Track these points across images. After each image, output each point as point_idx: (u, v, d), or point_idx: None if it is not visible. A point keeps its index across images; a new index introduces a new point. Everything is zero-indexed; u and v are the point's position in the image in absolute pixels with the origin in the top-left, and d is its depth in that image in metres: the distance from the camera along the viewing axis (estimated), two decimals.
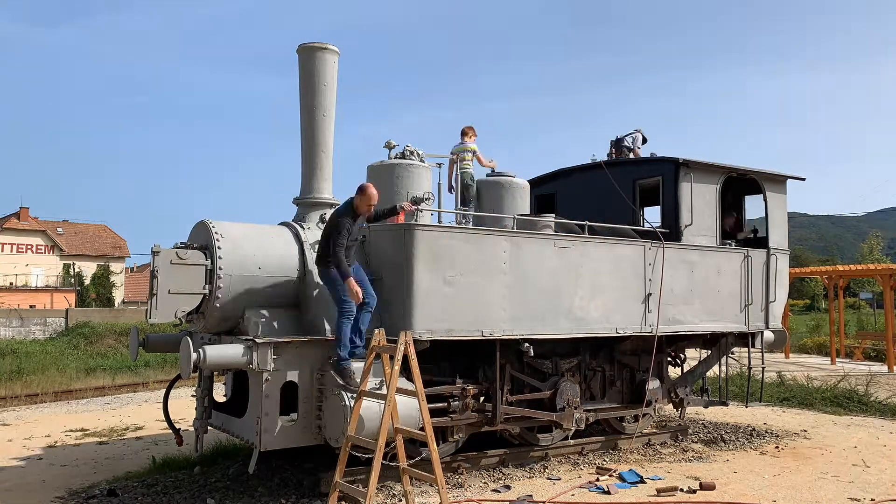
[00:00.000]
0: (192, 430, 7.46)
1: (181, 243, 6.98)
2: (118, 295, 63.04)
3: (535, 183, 10.52)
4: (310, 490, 6.96)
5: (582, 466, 8.23)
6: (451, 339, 7.08)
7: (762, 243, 9.92)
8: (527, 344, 7.58)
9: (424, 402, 6.10)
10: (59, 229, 69.01)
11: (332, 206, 7.59)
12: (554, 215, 8.81)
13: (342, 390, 6.36)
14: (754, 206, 10.47)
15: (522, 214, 8.76)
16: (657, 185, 9.37)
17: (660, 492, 7.14)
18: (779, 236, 10.00)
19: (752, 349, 9.95)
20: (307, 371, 6.60)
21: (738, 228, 10.54)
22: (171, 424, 7.64)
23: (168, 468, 7.94)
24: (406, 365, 7.35)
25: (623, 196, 9.33)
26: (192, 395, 7.56)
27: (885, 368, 19.87)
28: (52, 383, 19.42)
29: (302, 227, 7.31)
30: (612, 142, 10.79)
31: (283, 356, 6.44)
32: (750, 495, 7.11)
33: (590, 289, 8.05)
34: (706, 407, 10.57)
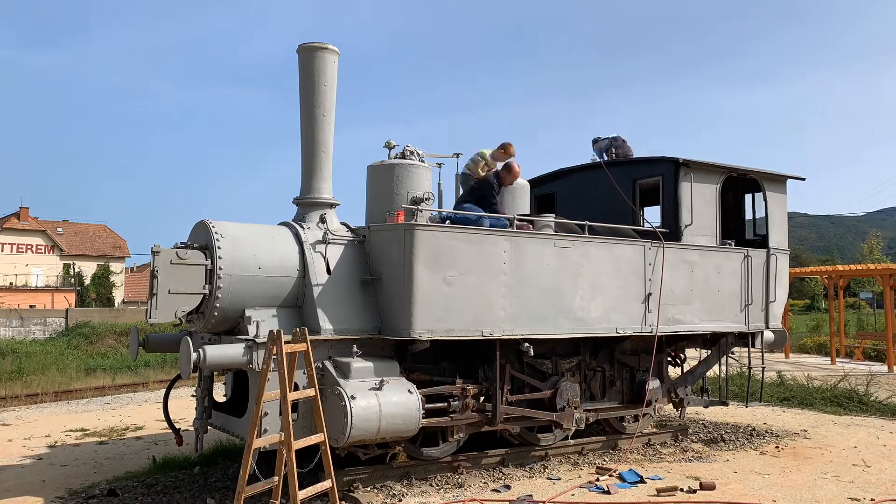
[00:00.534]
0: (192, 430, 7.47)
1: (181, 243, 6.98)
2: (118, 295, 63.04)
3: (535, 183, 10.53)
4: None
5: (582, 466, 8.22)
6: (451, 339, 7.08)
7: (762, 243, 9.92)
8: (527, 344, 7.57)
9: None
10: (59, 229, 69.04)
11: (332, 205, 7.59)
12: (554, 215, 8.81)
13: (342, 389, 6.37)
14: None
15: (522, 214, 8.77)
16: (657, 184, 9.36)
17: (660, 492, 7.15)
18: (779, 236, 10.00)
19: (752, 349, 9.95)
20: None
21: (742, 230, 10.51)
22: (171, 424, 7.63)
23: (168, 468, 7.95)
24: (408, 362, 7.35)
25: (623, 196, 9.33)
26: (192, 395, 7.57)
27: (885, 368, 19.91)
28: (52, 383, 19.41)
29: (302, 227, 7.30)
30: (593, 141, 10.64)
31: None
32: (750, 495, 7.11)
33: (590, 289, 8.04)
34: (706, 407, 10.57)
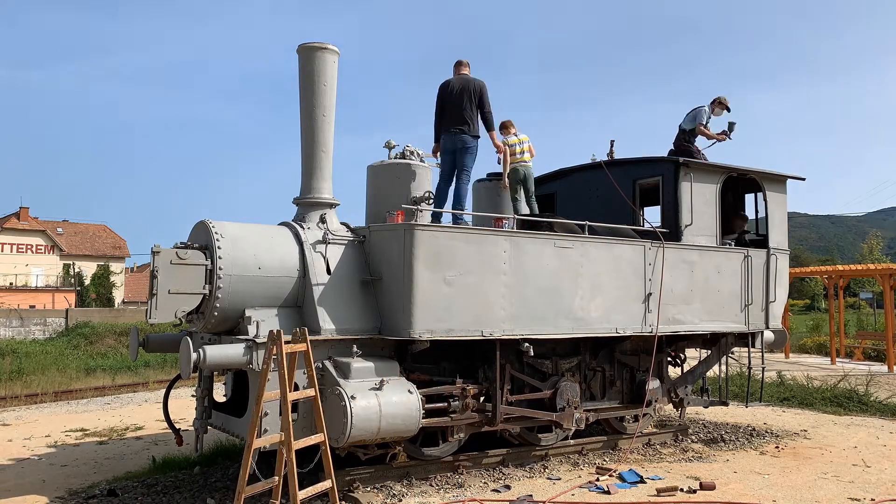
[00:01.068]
0: (192, 430, 7.47)
1: (181, 243, 6.97)
2: (118, 295, 63.06)
3: (535, 183, 10.51)
4: None
5: (582, 466, 8.22)
6: (451, 339, 7.08)
7: (762, 243, 9.92)
8: (527, 344, 7.57)
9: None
10: (59, 229, 69.07)
11: (332, 205, 7.59)
12: (554, 215, 8.81)
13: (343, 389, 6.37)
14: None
15: (523, 214, 8.77)
16: (657, 184, 9.36)
17: (660, 492, 7.14)
18: (779, 236, 10.00)
19: (752, 349, 9.95)
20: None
21: (744, 230, 10.50)
22: (171, 424, 7.63)
23: (168, 468, 7.94)
24: (409, 362, 7.35)
25: (623, 196, 9.33)
26: (192, 395, 7.57)
27: (885, 368, 19.89)
28: (52, 383, 19.41)
29: (302, 226, 7.29)
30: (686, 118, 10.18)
31: None
32: (750, 495, 7.11)
33: (590, 289, 8.04)
34: (706, 407, 10.57)
